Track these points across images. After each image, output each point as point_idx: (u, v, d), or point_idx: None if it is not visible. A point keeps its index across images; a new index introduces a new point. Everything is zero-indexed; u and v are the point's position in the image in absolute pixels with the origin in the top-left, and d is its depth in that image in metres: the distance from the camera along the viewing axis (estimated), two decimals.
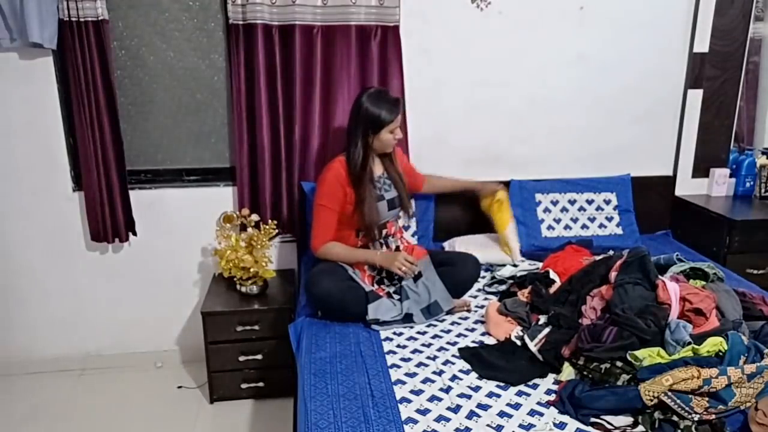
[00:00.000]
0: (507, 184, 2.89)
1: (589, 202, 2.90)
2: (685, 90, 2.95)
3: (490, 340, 2.00)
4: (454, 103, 2.80)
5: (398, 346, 1.96)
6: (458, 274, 2.29)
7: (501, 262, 2.57)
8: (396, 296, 2.20)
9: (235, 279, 2.63)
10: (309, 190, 2.65)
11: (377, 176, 2.32)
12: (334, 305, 2.09)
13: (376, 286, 2.24)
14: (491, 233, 2.70)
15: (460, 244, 2.66)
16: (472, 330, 2.08)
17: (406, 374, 1.78)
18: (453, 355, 1.89)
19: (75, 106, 2.47)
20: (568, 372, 1.72)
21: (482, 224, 2.72)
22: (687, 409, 1.46)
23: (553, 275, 2.27)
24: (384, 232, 2.33)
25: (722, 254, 2.71)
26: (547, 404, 1.62)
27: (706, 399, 1.48)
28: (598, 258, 2.18)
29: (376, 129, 2.20)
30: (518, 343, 1.90)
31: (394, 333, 2.06)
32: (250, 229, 2.58)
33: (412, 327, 2.10)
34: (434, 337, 2.03)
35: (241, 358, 2.53)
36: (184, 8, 2.61)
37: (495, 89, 2.81)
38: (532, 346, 1.84)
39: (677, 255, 2.15)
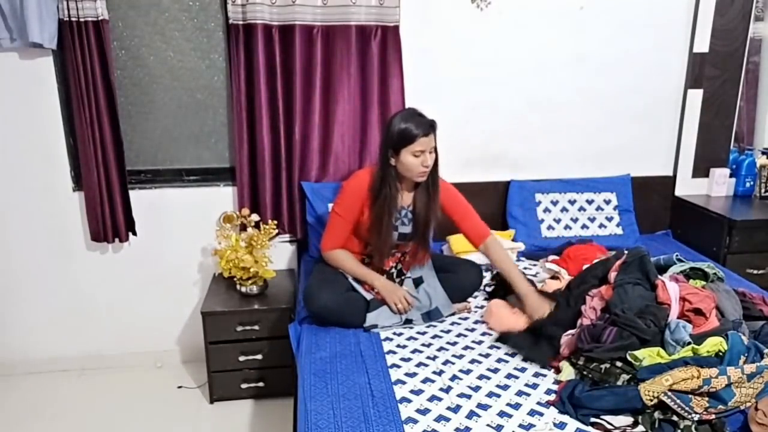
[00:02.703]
0: (507, 185, 2.90)
1: (589, 202, 2.90)
2: (685, 90, 2.95)
3: (489, 340, 1.99)
4: (454, 103, 2.79)
5: (398, 346, 1.96)
6: (460, 281, 2.28)
7: None
8: None
9: (235, 279, 2.63)
10: (309, 190, 2.65)
11: (400, 206, 2.18)
12: (332, 319, 2.08)
13: (376, 292, 2.22)
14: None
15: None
16: (472, 330, 2.08)
17: (406, 374, 1.78)
18: (453, 355, 1.89)
19: (75, 106, 2.47)
20: (568, 372, 1.72)
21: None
22: (687, 409, 1.46)
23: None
24: (393, 251, 2.28)
25: (722, 254, 2.71)
26: (547, 404, 1.62)
27: (706, 399, 1.48)
28: (598, 258, 2.18)
29: (398, 146, 2.05)
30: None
31: (394, 333, 2.06)
32: (250, 229, 2.59)
33: (411, 327, 2.10)
34: (434, 337, 2.03)
35: (241, 358, 2.53)
36: (184, 8, 2.61)
37: (495, 89, 2.81)
38: None
39: (677, 255, 2.14)
